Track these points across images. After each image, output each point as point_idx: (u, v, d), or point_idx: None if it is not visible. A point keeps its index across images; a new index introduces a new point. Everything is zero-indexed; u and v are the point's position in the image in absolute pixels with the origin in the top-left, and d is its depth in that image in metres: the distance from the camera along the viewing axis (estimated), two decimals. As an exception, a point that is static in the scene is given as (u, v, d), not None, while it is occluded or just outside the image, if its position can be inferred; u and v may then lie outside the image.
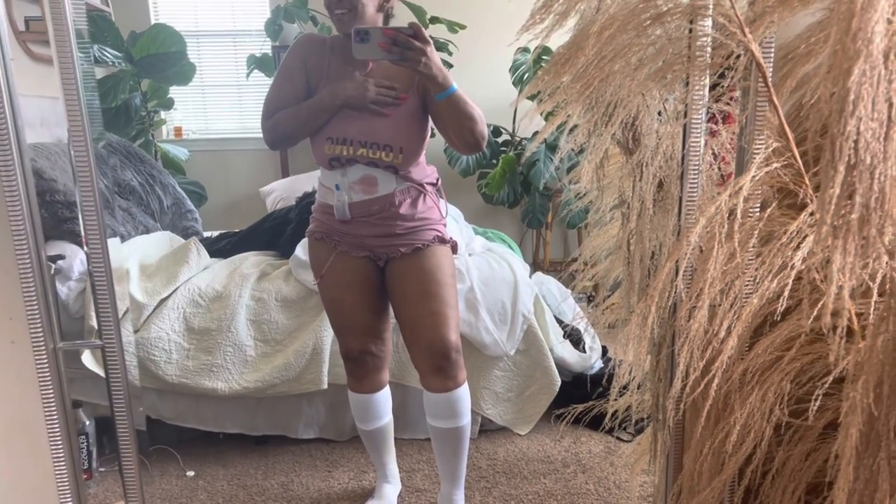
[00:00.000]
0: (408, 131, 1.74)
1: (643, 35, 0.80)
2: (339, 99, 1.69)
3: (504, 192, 3.93)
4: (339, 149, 1.74)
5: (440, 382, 1.80)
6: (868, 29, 0.48)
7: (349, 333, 1.90)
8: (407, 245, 1.80)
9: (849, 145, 0.50)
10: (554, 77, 0.85)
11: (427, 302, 1.77)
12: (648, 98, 0.92)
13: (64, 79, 0.84)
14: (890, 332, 0.62)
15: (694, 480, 0.94)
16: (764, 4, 0.76)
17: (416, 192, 1.81)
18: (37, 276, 0.80)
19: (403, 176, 1.78)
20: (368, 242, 1.82)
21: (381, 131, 1.71)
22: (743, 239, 0.81)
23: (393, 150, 1.72)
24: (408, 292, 1.80)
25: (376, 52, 1.53)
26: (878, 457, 0.66)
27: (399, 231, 1.79)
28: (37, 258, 0.79)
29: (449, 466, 1.92)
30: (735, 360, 0.89)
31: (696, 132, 0.84)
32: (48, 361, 0.88)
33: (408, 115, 1.73)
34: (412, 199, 1.80)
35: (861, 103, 0.50)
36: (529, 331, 2.56)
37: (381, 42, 1.51)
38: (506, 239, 3.22)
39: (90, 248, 0.91)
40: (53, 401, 0.92)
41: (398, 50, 1.51)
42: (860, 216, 0.53)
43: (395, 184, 1.77)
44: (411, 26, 1.52)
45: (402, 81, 1.73)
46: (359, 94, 1.67)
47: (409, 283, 1.80)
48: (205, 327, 2.42)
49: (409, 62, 1.53)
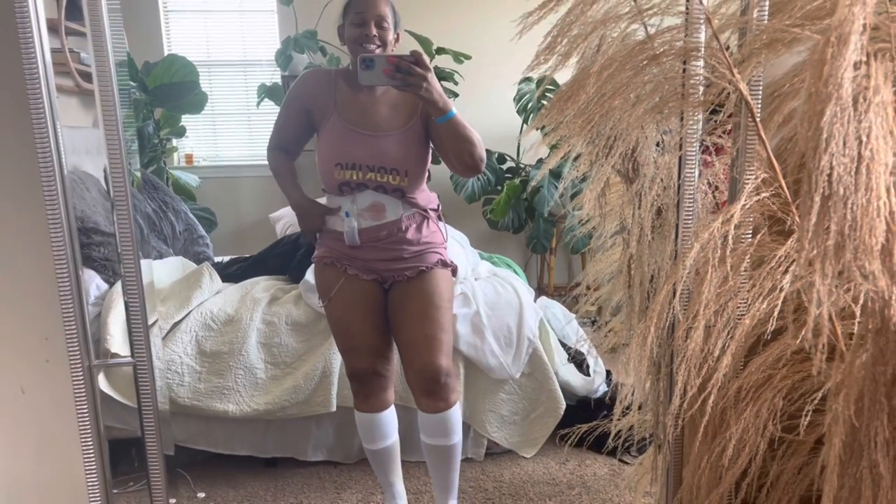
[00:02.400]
0: (412, 155, 1.85)
1: (640, 74, 0.87)
2: (297, 215, 2.01)
3: (509, 218, 4.00)
4: (348, 174, 1.84)
5: (432, 404, 1.89)
6: (838, 75, 0.54)
7: (356, 354, 1.95)
8: (412, 269, 1.90)
9: (823, 179, 0.56)
10: (557, 113, 0.91)
11: (423, 325, 1.87)
12: (647, 131, 0.98)
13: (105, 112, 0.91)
14: (868, 348, 0.68)
15: (693, 494, 0.99)
16: (751, 47, 0.83)
17: (421, 217, 1.92)
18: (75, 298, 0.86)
19: (409, 202, 1.88)
20: (376, 266, 1.91)
21: (387, 155, 1.82)
22: (735, 263, 0.86)
23: (399, 173, 1.83)
24: (407, 314, 1.90)
25: (381, 79, 1.64)
26: (861, 465, 0.70)
27: (406, 255, 1.89)
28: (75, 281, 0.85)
29: (442, 480, 2.03)
30: (730, 377, 0.94)
31: (690, 163, 0.90)
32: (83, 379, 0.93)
33: (412, 140, 1.85)
34: (417, 224, 1.90)
35: (833, 141, 0.55)
36: (534, 354, 2.61)
37: (386, 69, 1.62)
38: (511, 264, 3.28)
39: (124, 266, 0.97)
40: (88, 417, 0.97)
41: (401, 76, 1.62)
42: (836, 243, 0.59)
43: (402, 210, 1.88)
44: (412, 54, 1.63)
45: (407, 107, 1.86)
46: (304, 227, 1.98)
47: (410, 306, 1.90)
48: (216, 350, 2.47)
49: (411, 87, 1.63)
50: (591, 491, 2.31)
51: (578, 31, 0.88)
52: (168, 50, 4.25)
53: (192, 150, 4.38)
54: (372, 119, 1.85)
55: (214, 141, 4.45)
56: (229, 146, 4.45)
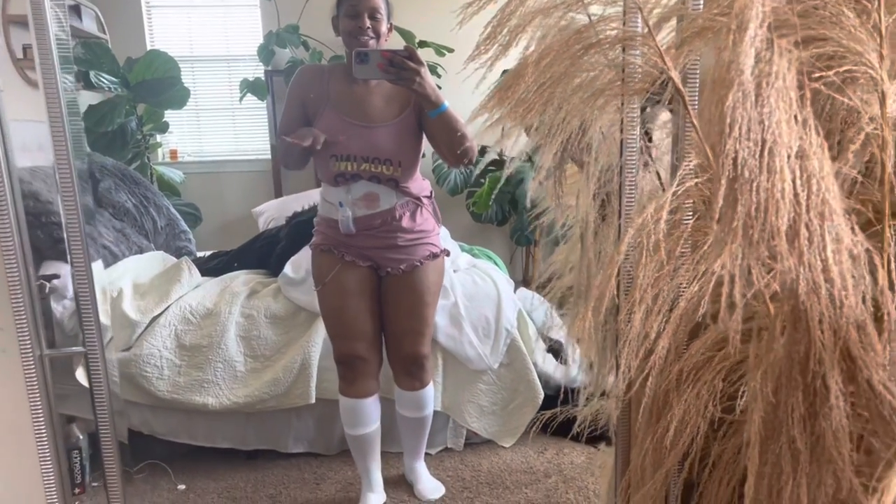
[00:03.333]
0: (405, 146, 1.92)
1: (577, 64, 0.88)
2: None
3: (492, 211, 4.01)
4: (343, 165, 1.90)
5: (409, 383, 2.14)
6: (739, 61, 0.56)
7: (346, 338, 2.03)
8: (406, 262, 2.00)
9: (728, 162, 0.58)
10: (499, 102, 0.93)
11: (411, 320, 2.03)
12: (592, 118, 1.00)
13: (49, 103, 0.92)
14: (783, 328, 0.69)
15: (639, 475, 1.01)
16: (683, 35, 0.84)
17: (414, 205, 2.00)
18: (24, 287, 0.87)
19: (403, 190, 1.95)
20: (371, 254, 2.00)
21: (381, 147, 1.89)
22: (671, 247, 0.88)
23: (392, 164, 1.90)
24: (398, 309, 2.04)
25: (375, 73, 1.70)
26: (780, 441, 0.72)
27: (400, 243, 1.98)
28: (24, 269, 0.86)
29: (412, 445, 2.29)
30: (672, 360, 0.96)
31: (631, 148, 0.92)
32: (35, 368, 0.95)
33: (404, 131, 1.91)
34: (411, 212, 1.99)
35: (736, 126, 0.57)
36: (513, 345, 2.63)
37: (380, 63, 1.68)
38: (491, 256, 3.30)
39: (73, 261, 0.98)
40: (40, 405, 0.99)
41: (394, 70, 1.68)
42: (744, 224, 0.60)
43: (396, 198, 1.95)
44: (406, 49, 1.69)
45: (400, 100, 1.92)
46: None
47: (401, 301, 2.03)
48: (196, 344, 2.48)
49: (404, 81, 1.70)
50: (567, 479, 2.34)
51: (517, 21, 0.90)
52: (151, 45, 4.25)
53: (176, 145, 4.38)
54: (366, 111, 1.91)
55: (199, 136, 4.45)
56: (214, 141, 4.45)
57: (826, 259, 0.61)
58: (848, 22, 0.76)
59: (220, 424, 2.54)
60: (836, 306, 0.62)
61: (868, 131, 0.78)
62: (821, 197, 0.60)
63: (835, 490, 0.72)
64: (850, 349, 0.64)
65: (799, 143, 0.59)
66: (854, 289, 0.63)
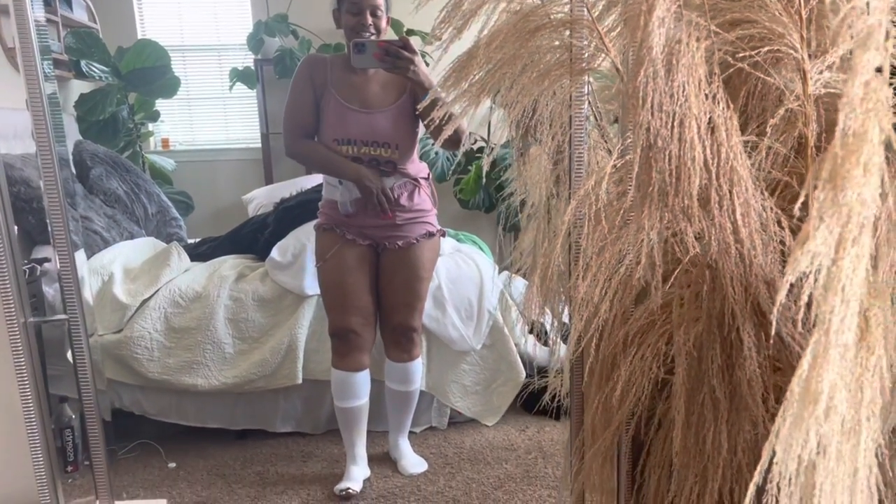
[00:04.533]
0: (402, 129, 2.03)
1: (525, 45, 0.94)
2: (357, 182, 2.04)
3: (479, 198, 4.07)
4: (344, 148, 2.02)
5: (399, 355, 2.25)
6: (649, 40, 0.62)
7: (343, 312, 2.13)
8: (403, 238, 2.12)
9: (642, 132, 0.63)
10: (454, 82, 0.99)
11: (406, 293, 2.16)
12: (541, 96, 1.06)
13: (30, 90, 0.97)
14: (703, 286, 0.76)
15: (590, 435, 1.08)
16: (623, 18, 0.90)
17: (412, 185, 2.11)
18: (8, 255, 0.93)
19: (401, 172, 2.07)
20: (371, 232, 2.12)
21: (379, 131, 2.01)
22: (612, 218, 0.94)
23: (391, 147, 2.02)
24: (393, 282, 2.15)
25: (372, 62, 1.84)
26: (703, 392, 0.79)
27: (398, 221, 2.10)
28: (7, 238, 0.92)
29: (398, 419, 2.36)
30: (619, 325, 1.03)
31: (578, 125, 0.98)
32: (20, 335, 1.00)
33: (401, 116, 2.03)
34: (409, 192, 2.10)
35: (648, 98, 0.63)
36: (495, 326, 2.69)
37: (376, 53, 1.81)
38: (476, 241, 3.35)
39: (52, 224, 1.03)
40: (26, 374, 1.05)
41: (390, 59, 1.81)
42: (659, 188, 0.66)
43: (394, 179, 2.07)
44: (401, 39, 1.83)
45: (397, 87, 2.04)
46: (368, 189, 2.01)
47: (397, 275, 2.15)
48: (185, 326, 2.54)
49: (400, 70, 1.83)
50: (546, 455, 2.41)
51: (468, 7, 0.95)
52: (141, 35, 4.28)
53: (168, 134, 4.42)
54: (365, 97, 2.03)
55: (190, 125, 4.49)
56: (205, 130, 4.50)
57: (735, 221, 0.67)
58: (772, 6, 0.82)
59: (210, 405, 2.60)
60: (745, 265, 0.69)
61: (792, 108, 0.84)
62: (730, 165, 0.66)
63: (752, 436, 0.79)
64: (760, 304, 0.70)
65: (709, 116, 0.65)
66: (763, 248, 0.69)
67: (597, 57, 0.95)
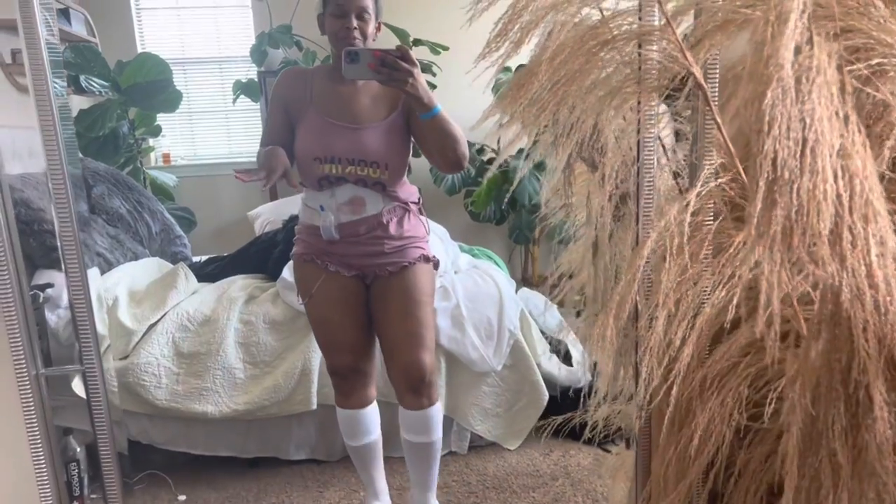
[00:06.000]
0: (393, 148, 1.81)
1: (593, 60, 0.84)
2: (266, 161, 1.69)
3: (490, 210, 3.98)
4: (327, 167, 1.80)
5: (414, 401, 1.89)
6: (779, 55, 0.52)
7: (337, 351, 1.93)
8: (393, 264, 1.87)
9: (767, 163, 0.54)
10: (511, 102, 0.89)
11: (405, 322, 1.85)
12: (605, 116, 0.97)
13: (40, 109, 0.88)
14: (823, 336, 0.66)
15: (661, 485, 0.97)
16: (704, 29, 0.81)
17: (402, 210, 1.89)
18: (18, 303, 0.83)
19: (390, 195, 1.84)
20: (356, 262, 1.88)
21: (367, 148, 1.78)
22: (694, 251, 0.85)
23: (380, 167, 1.79)
24: (389, 311, 1.88)
25: (365, 73, 1.62)
26: (820, 455, 0.69)
27: (387, 250, 1.86)
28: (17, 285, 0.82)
29: (421, 477, 2.02)
30: (695, 367, 0.93)
31: (648, 148, 0.88)
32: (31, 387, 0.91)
33: (392, 133, 1.81)
34: (398, 218, 1.87)
35: (776, 124, 0.53)
36: (516, 346, 2.59)
37: (371, 63, 1.60)
38: (492, 256, 3.26)
39: (69, 275, 0.94)
40: (37, 426, 0.95)
41: (386, 71, 1.59)
42: (783, 228, 0.57)
43: (382, 203, 1.84)
44: (399, 49, 1.60)
45: (389, 100, 1.82)
46: (272, 167, 1.65)
47: (392, 302, 1.87)
48: (194, 351, 2.44)
49: (396, 83, 1.61)
50: (574, 481, 2.31)
51: (530, 18, 0.86)
52: (141, 48, 4.19)
53: (169, 149, 4.32)
54: (352, 111, 1.82)
55: (192, 139, 4.39)
56: (207, 144, 4.40)
57: (870, 263, 0.58)
58: (877, 13, 0.73)
59: (221, 432, 2.50)
60: (881, 313, 0.59)
61: (900, 126, 0.75)
62: (864, 198, 0.57)
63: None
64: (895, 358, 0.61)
65: (841, 142, 0.56)
66: (900, 294, 0.60)
67: (669, 71, 0.85)
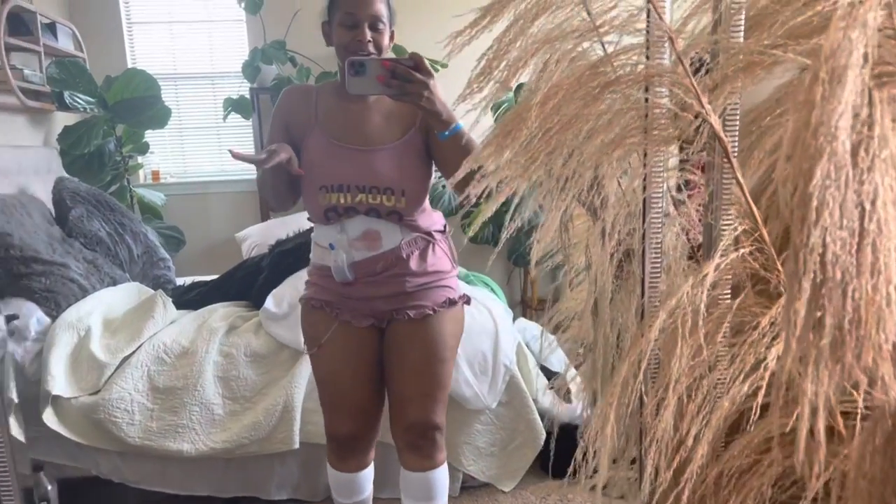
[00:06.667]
0: (409, 171, 1.59)
1: (592, 105, 0.72)
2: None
3: (488, 231, 3.86)
4: (334, 197, 1.58)
5: (416, 461, 1.70)
6: (831, 123, 0.40)
7: (344, 414, 1.72)
8: (415, 308, 1.65)
9: (814, 259, 0.42)
10: (497, 151, 0.77)
11: (420, 381, 1.66)
12: (608, 170, 0.84)
13: None
14: (877, 463, 0.53)
15: None
16: (724, 71, 0.68)
17: (424, 242, 1.66)
18: None
19: (409, 225, 1.63)
20: (374, 306, 1.67)
21: (380, 173, 1.57)
22: (710, 331, 0.72)
23: (395, 194, 1.57)
24: (405, 365, 1.67)
25: (374, 87, 1.38)
26: None
27: (409, 288, 1.64)
28: None
29: None
30: (710, 460, 0.79)
31: (656, 209, 0.76)
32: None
33: (409, 154, 1.60)
34: (420, 250, 1.66)
35: (826, 210, 0.41)
36: (512, 382, 2.46)
37: (380, 75, 1.36)
38: (489, 282, 3.13)
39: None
40: None
41: (397, 83, 1.36)
42: (833, 340, 0.44)
43: (401, 235, 1.63)
44: (412, 57, 1.37)
45: (404, 117, 1.61)
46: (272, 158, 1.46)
47: (409, 354, 1.66)
48: (170, 386, 2.30)
49: (410, 97, 1.37)
50: (571, 531, 2.17)
51: (518, 54, 0.73)
52: (132, 63, 4.08)
53: (159, 166, 4.21)
54: (362, 131, 1.60)
55: (182, 156, 4.28)
56: (198, 161, 4.28)
57: (943, 385, 0.45)
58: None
59: (198, 471, 2.36)
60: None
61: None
62: (936, 303, 0.44)
63: None
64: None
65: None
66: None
67: (682, 120, 0.73)
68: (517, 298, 4.39)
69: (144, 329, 2.40)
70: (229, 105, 3.83)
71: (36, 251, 2.28)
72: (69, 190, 2.80)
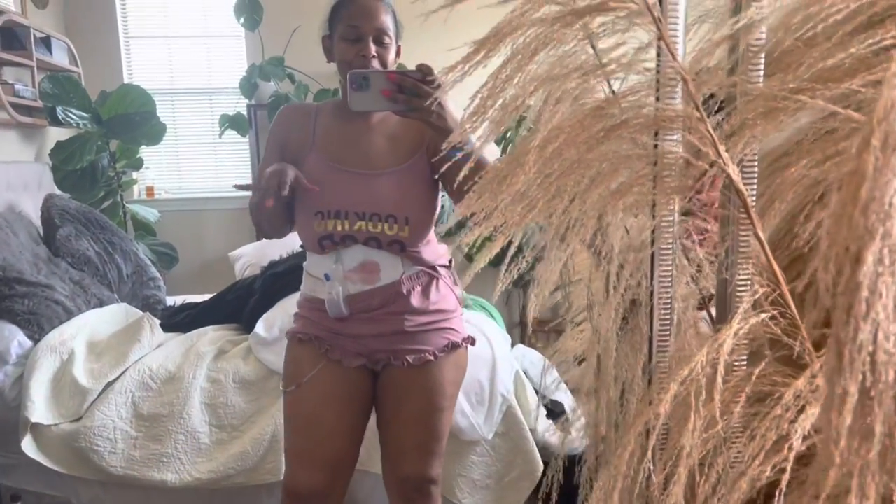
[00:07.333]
0: (414, 197, 1.47)
1: (595, 150, 0.65)
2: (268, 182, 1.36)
3: (487, 253, 3.79)
4: (331, 224, 1.44)
5: None
6: (885, 198, 0.33)
7: (311, 464, 1.51)
8: (414, 353, 1.51)
9: (862, 360, 0.35)
10: (491, 197, 0.70)
11: (417, 432, 1.53)
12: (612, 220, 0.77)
13: None
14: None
15: None
16: (742, 117, 0.62)
17: (428, 277, 1.52)
18: None
19: (411, 257, 1.49)
20: (368, 344, 1.52)
21: (382, 199, 1.44)
22: (724, 399, 0.65)
23: (398, 221, 1.44)
24: (401, 414, 1.55)
25: (378, 102, 1.27)
26: None
27: (408, 328, 1.50)
28: None
29: None
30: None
31: (665, 264, 0.69)
32: None
33: (415, 178, 1.47)
34: (423, 286, 1.52)
35: (878, 301, 0.34)
36: (509, 412, 2.38)
37: (385, 89, 1.25)
38: (486, 306, 3.06)
39: None
40: None
41: (404, 98, 1.24)
42: (883, 449, 0.37)
43: (402, 268, 1.49)
44: (420, 68, 1.24)
45: (411, 138, 1.48)
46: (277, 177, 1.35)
47: (406, 404, 1.54)
48: (155, 413, 2.23)
49: (419, 112, 1.25)
50: (569, 571, 2.08)
51: (515, 92, 0.67)
52: (129, 78, 4.04)
53: (153, 181, 4.15)
54: (363, 153, 1.48)
55: (178, 172, 4.22)
56: (193, 178, 4.22)
57: None
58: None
59: (182, 501, 2.27)
60: None
61: None
62: None
63: None
64: None
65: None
66: None
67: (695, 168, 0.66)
68: (516, 320, 4.32)
69: (130, 353, 2.32)
70: (226, 121, 3.78)
71: (20, 272, 2.21)
72: (58, 208, 2.74)
